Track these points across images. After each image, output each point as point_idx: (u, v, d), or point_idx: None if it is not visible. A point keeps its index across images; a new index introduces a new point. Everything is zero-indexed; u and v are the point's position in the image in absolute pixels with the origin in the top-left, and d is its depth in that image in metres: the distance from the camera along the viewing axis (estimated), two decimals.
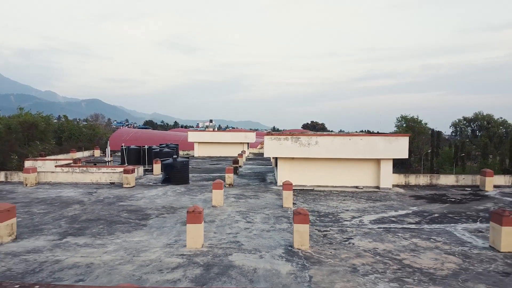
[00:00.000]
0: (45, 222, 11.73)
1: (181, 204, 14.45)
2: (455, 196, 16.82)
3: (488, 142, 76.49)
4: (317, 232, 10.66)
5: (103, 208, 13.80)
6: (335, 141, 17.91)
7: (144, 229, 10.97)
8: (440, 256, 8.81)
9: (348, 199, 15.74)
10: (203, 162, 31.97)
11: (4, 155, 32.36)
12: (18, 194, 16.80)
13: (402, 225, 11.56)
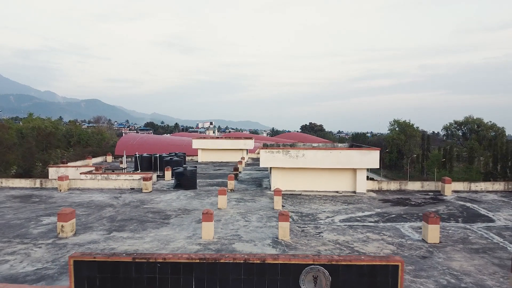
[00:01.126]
0: (91, 222, 15.33)
1: (193, 206, 18.05)
2: (416, 200, 20.45)
3: (477, 145, 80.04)
4: (297, 228, 14.27)
5: (132, 210, 17.41)
6: (319, 154, 21.52)
7: (168, 226, 14.57)
8: (382, 245, 12.42)
9: (327, 202, 19.35)
10: (207, 167, 35.54)
11: (28, 162, 35.92)
12: (57, 199, 20.38)
13: (363, 223, 15.18)
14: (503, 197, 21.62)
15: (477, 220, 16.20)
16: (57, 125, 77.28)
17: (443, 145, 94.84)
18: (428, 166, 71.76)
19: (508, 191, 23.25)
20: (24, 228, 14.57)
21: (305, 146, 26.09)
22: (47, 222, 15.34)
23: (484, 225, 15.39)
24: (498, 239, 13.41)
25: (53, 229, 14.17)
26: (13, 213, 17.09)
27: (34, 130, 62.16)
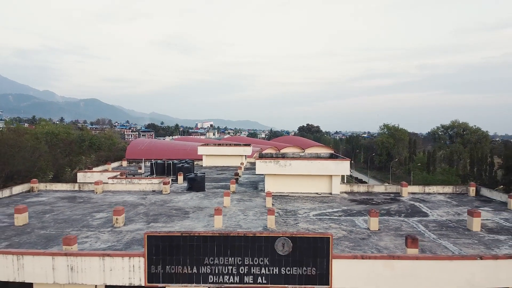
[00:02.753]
0: (131, 216, 20.94)
1: (204, 205, 23.69)
2: (378, 200, 26.15)
3: (461, 148, 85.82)
4: (281, 220, 19.94)
5: (158, 208, 23.05)
6: (302, 163, 27.18)
7: (189, 218, 20.22)
8: (338, 231, 18.09)
9: (307, 202, 25.02)
10: (211, 171, 41.15)
11: (58, 168, 41.48)
12: (97, 200, 26.00)
13: (330, 217, 20.86)
14: (448, 198, 27.34)
15: (415, 215, 21.92)
16: (69, 130, 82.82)
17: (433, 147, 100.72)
18: (413, 168, 77.56)
19: (455, 193, 28.97)
20: (85, 221, 20.20)
21: (293, 156, 31.72)
22: (100, 217, 20.99)
23: (418, 218, 21.10)
24: (422, 228, 19.10)
25: (107, 221, 19.81)
26: (69, 211, 22.72)
27: (48, 135, 67.62)
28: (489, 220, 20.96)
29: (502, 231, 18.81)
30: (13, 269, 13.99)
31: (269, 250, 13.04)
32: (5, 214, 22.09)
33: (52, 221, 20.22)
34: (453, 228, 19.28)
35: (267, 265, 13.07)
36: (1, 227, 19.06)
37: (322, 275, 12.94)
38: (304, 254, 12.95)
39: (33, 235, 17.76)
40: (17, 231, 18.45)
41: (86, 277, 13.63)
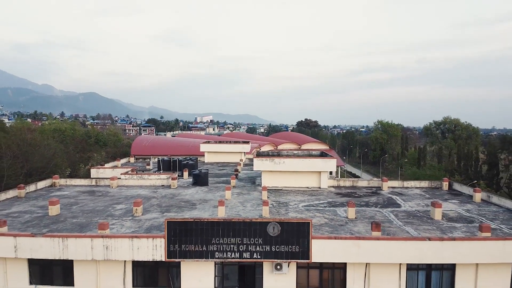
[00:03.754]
0: (147, 207, 24.51)
1: (209, 198, 27.28)
2: (360, 193, 29.78)
3: (452, 143, 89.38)
4: (274, 210, 23.55)
5: (169, 200, 26.63)
6: (295, 161, 30.74)
7: (196, 209, 23.81)
8: (321, 219, 21.71)
9: (298, 195, 28.63)
10: (213, 167, 44.70)
11: (73, 164, 45.01)
12: (114, 193, 29.56)
13: (316, 207, 24.48)
14: (423, 192, 30.99)
15: (390, 206, 25.55)
16: (75, 127, 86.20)
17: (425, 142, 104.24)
18: (404, 163, 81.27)
19: (430, 187, 32.61)
20: (108, 211, 23.79)
21: (288, 154, 35.24)
22: (120, 208, 24.57)
23: (391, 209, 24.74)
24: (392, 217, 22.73)
25: (126, 212, 23.38)
26: (92, 203, 26.30)
27: (56, 132, 71.00)
28: (452, 211, 24.61)
29: (460, 220, 22.44)
30: (58, 249, 17.59)
31: (262, 232, 16.65)
32: (36, 206, 25.67)
33: (80, 212, 23.79)
34: (419, 217, 22.92)
35: (261, 244, 16.70)
36: (38, 217, 22.63)
37: (304, 251, 16.58)
38: (290, 235, 16.57)
39: (67, 223, 21.34)
40: (52, 220, 22.02)
41: (118, 254, 17.26)
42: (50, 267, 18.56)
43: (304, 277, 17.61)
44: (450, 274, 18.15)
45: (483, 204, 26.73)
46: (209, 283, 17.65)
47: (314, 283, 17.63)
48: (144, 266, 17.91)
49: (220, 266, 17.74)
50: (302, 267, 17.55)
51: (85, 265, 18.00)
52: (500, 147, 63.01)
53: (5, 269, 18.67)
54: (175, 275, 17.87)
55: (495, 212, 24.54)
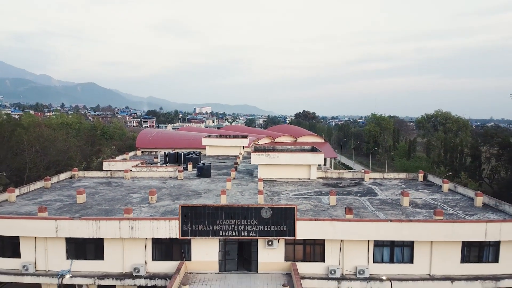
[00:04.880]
0: (159, 196, 28.59)
1: (212, 188, 31.37)
2: (344, 184, 33.90)
3: (442, 136, 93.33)
4: (268, 198, 27.67)
5: (178, 190, 30.72)
6: (287, 155, 34.77)
7: (202, 197, 27.91)
8: (307, 205, 25.83)
9: (290, 185, 32.73)
10: (214, 160, 48.75)
11: (85, 158, 48.96)
12: (128, 184, 33.61)
13: (304, 196, 28.60)
14: (400, 182, 35.14)
15: (367, 195, 29.69)
16: (81, 120, 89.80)
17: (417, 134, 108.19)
18: (394, 155, 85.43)
19: (408, 179, 36.76)
20: (126, 199, 27.87)
21: (281, 149, 39.21)
22: (136, 197, 28.65)
23: (368, 197, 28.88)
24: (368, 204, 26.87)
25: (143, 200, 27.45)
26: (111, 192, 30.37)
27: (63, 125, 74.66)
28: (420, 199, 28.78)
29: (425, 207, 26.59)
30: (92, 229, 21.71)
31: (257, 215, 20.78)
32: (63, 195, 29.76)
33: (102, 200, 27.89)
34: (390, 204, 27.09)
35: (255, 224, 20.85)
36: (68, 204, 26.71)
37: (290, 230, 20.73)
38: (279, 217, 20.70)
39: (94, 209, 25.43)
40: (81, 206, 26.11)
41: (141, 233, 21.39)
42: (84, 245, 22.69)
43: (290, 251, 21.83)
44: (409, 250, 22.38)
45: (449, 194, 30.90)
46: (214, 256, 21.86)
47: (299, 256, 21.85)
48: (162, 242, 22.07)
49: (223, 243, 21.93)
50: (289, 243, 21.75)
51: (113, 242, 22.15)
52: (482, 140, 66.94)
53: (46, 246, 22.79)
54: (187, 250, 22.06)
55: (457, 200, 28.71)
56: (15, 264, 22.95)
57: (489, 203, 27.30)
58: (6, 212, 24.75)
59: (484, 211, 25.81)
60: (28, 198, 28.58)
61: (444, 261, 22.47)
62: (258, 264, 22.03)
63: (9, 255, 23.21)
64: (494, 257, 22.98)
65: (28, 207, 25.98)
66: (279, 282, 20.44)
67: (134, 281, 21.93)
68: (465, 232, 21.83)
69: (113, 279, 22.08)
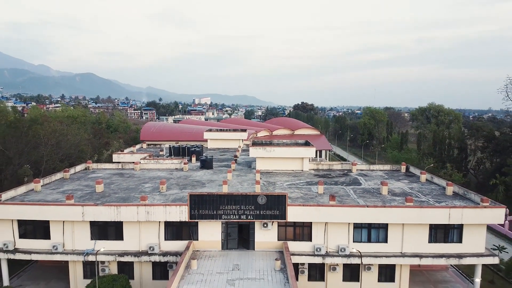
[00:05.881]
0: (168, 186, 32.29)
1: (214, 178, 35.08)
2: (334, 174, 37.64)
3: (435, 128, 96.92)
4: (264, 187, 31.41)
5: (184, 180, 34.44)
6: (283, 149, 38.43)
7: (206, 187, 31.65)
8: (298, 194, 29.59)
9: (285, 176, 36.45)
10: (215, 153, 52.40)
11: (95, 150, 52.56)
12: (139, 175, 37.30)
13: (296, 186, 32.35)
14: (384, 173, 38.89)
15: (352, 184, 33.44)
16: (86, 113, 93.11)
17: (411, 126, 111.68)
18: (386, 147, 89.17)
19: (391, 170, 40.50)
20: (139, 189, 31.59)
21: (277, 143, 42.80)
22: (147, 186, 32.37)
23: (353, 187, 32.63)
24: (351, 193, 30.61)
25: (154, 189, 31.16)
26: (125, 183, 34.07)
27: (69, 119, 77.98)
28: (399, 188, 32.52)
29: (401, 195, 30.33)
30: (113, 214, 25.46)
31: (254, 201, 24.53)
32: (82, 185, 33.44)
33: (118, 189, 31.59)
34: (371, 192, 30.84)
35: (253, 209, 24.62)
36: (88, 193, 30.38)
37: (282, 214, 24.52)
38: (273, 203, 24.46)
39: (112, 197, 29.14)
40: (100, 195, 29.79)
41: (155, 217, 25.16)
42: (106, 227, 26.48)
43: (283, 232, 25.68)
44: (384, 231, 26.22)
45: (426, 183, 34.66)
46: (217, 237, 25.70)
47: (290, 236, 25.70)
48: (173, 225, 25.87)
49: (225, 225, 25.73)
50: (281, 225, 25.57)
51: (132, 225, 25.94)
52: (469, 134, 70.61)
53: (73, 229, 26.57)
54: (194, 231, 25.88)
55: (432, 189, 32.46)
56: (46, 245, 26.75)
57: (459, 192, 31.05)
58: (35, 200, 28.42)
59: (453, 199, 29.56)
60: (51, 188, 32.23)
61: (414, 241, 26.33)
62: (255, 243, 25.89)
63: (40, 236, 27.01)
64: (458, 238, 26.84)
65: (54, 196, 29.65)
66: (272, 257, 24.29)
67: (149, 258, 25.82)
68: (431, 216, 25.66)
69: (131, 256, 25.97)
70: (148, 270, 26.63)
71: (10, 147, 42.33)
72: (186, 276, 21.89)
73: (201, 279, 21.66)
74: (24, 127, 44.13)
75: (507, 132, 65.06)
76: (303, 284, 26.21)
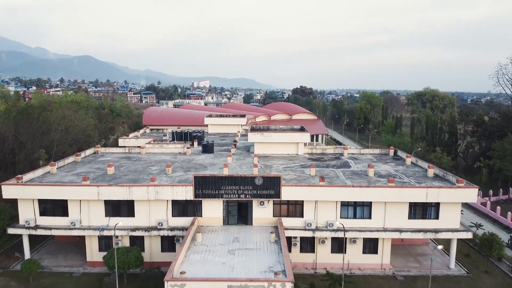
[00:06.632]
0: (173, 168, 35.18)
1: (215, 162, 37.94)
2: (327, 158, 40.53)
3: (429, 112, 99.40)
4: (262, 170, 34.32)
5: (187, 163, 37.31)
6: (279, 135, 41.17)
7: (208, 170, 34.55)
8: (292, 176, 32.53)
9: (281, 160, 39.32)
10: (215, 138, 55.14)
11: (101, 135, 55.25)
12: (145, 158, 40.13)
13: (291, 168, 35.27)
14: (374, 157, 41.78)
15: (343, 167, 36.37)
16: (89, 98, 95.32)
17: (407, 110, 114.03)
18: (382, 131, 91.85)
19: (380, 154, 43.40)
20: (147, 171, 34.47)
21: (274, 129, 45.53)
22: (154, 169, 35.25)
23: (343, 169, 35.56)
24: (341, 175, 33.56)
25: (160, 171, 34.03)
26: (133, 166, 36.93)
27: (73, 103, 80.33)
28: (385, 170, 35.47)
29: (386, 176, 33.25)
30: (126, 193, 28.41)
31: (252, 182, 27.46)
32: (93, 168, 36.29)
33: (127, 172, 34.46)
34: (359, 174, 33.79)
35: (251, 190, 27.59)
36: (100, 175, 33.25)
37: (277, 193, 27.50)
38: (269, 184, 27.40)
39: (123, 178, 32.02)
40: (112, 177, 32.65)
41: (164, 196, 28.14)
42: (119, 205, 29.48)
43: (277, 209, 28.74)
44: (368, 208, 29.28)
45: (411, 166, 37.61)
46: (219, 213, 28.77)
47: (284, 213, 28.78)
48: (179, 203, 28.88)
49: (226, 203, 28.74)
50: (276, 203, 28.60)
51: (142, 203, 28.93)
52: (459, 119, 73.20)
53: (89, 207, 29.54)
54: (198, 209, 28.92)
55: (415, 172, 35.41)
56: (65, 221, 29.79)
57: (439, 174, 34.00)
58: (52, 181, 31.31)
59: (433, 180, 32.53)
60: (65, 170, 35.08)
61: (395, 217, 29.43)
62: (253, 219, 28.97)
63: (59, 214, 30.02)
64: (435, 215, 29.93)
65: (69, 177, 32.53)
66: (268, 231, 27.39)
67: (158, 232, 28.95)
68: (410, 195, 28.67)
69: (142, 231, 29.07)
70: (157, 243, 29.80)
71: (22, 133, 45.04)
72: (192, 247, 24.99)
73: (205, 249, 24.77)
74: (35, 113, 46.66)
75: (495, 117, 67.76)
76: (295, 255, 29.46)
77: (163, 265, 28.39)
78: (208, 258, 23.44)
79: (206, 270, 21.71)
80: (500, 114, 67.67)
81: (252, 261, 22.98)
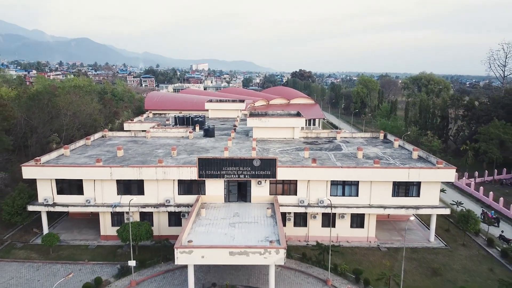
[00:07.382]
0: (178, 151, 38.05)
1: (216, 145, 40.78)
2: (320, 141, 43.39)
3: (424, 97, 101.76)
4: (260, 153, 37.22)
5: (190, 147, 40.16)
6: (276, 119, 43.90)
7: (210, 152, 37.42)
8: (288, 158, 35.46)
9: (278, 143, 42.17)
10: (216, 122, 57.84)
11: (109, 120, 57.85)
12: (151, 142, 42.94)
13: (287, 151, 38.16)
14: (364, 140, 44.66)
15: (334, 150, 39.24)
16: (91, 83, 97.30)
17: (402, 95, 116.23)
18: (378, 115, 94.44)
19: (371, 137, 46.25)
20: (154, 153, 37.34)
21: (272, 114, 48.19)
22: (160, 151, 38.12)
23: (334, 152, 38.49)
24: (332, 157, 36.48)
25: (166, 154, 36.90)
26: (140, 149, 39.77)
27: (76, 88, 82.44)
28: (373, 153, 38.38)
29: (373, 158, 36.17)
30: (136, 174, 31.35)
31: (250, 164, 30.40)
32: (103, 150, 39.13)
33: (135, 154, 37.32)
34: (349, 156, 36.72)
35: (249, 170, 30.55)
36: (111, 157, 36.12)
37: (273, 174, 30.48)
38: (266, 165, 30.34)
39: (132, 160, 34.92)
40: (121, 159, 35.54)
41: (171, 176, 31.11)
42: (129, 184, 32.46)
43: (274, 188, 31.80)
44: (356, 187, 32.33)
45: (398, 149, 40.51)
46: (221, 192, 31.81)
47: (279, 191, 31.84)
48: (185, 182, 31.88)
49: (227, 183, 31.74)
50: (273, 183, 31.62)
51: (151, 182, 31.92)
52: (450, 103, 75.72)
53: (102, 186, 32.54)
54: (202, 188, 31.94)
55: (401, 154, 38.34)
56: (80, 199, 32.82)
57: (423, 156, 36.93)
58: (67, 163, 34.19)
59: (416, 161, 35.48)
60: (78, 153, 37.91)
61: (380, 195, 32.49)
62: (252, 197, 32.04)
63: (75, 193, 33.01)
64: (417, 193, 32.99)
65: (82, 159, 35.40)
66: (265, 207, 30.50)
67: (166, 209, 32.06)
68: (394, 175, 31.68)
69: (151, 208, 32.17)
70: (165, 218, 32.97)
71: (33, 117, 47.69)
72: (197, 221, 28.11)
73: (209, 223, 27.91)
74: (45, 99, 49.18)
75: (485, 102, 70.34)
76: (289, 229, 32.72)
77: (170, 238, 31.57)
78: (212, 230, 26.58)
79: (210, 240, 24.85)
80: (490, 99, 70.21)
81: (250, 232, 26.12)
